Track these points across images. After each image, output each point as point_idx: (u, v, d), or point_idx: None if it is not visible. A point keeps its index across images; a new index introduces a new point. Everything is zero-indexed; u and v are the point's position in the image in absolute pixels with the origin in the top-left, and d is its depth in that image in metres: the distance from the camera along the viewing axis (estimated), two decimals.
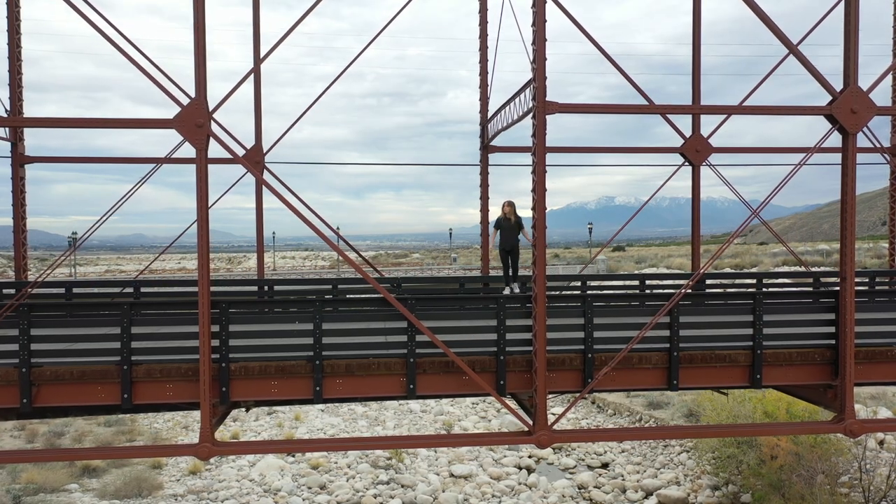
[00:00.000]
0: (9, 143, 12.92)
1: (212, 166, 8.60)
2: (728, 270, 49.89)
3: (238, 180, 13.57)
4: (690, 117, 14.04)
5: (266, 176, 13.71)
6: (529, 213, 8.61)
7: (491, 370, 8.88)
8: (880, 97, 10.20)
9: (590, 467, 22.61)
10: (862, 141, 8.88)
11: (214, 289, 9.67)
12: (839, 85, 8.64)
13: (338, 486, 20.96)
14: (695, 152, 13.80)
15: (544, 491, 20.67)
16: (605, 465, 22.82)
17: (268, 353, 8.70)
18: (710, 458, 20.14)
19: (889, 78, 14.41)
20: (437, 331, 8.56)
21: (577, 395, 8.89)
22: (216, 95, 8.21)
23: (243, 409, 10.90)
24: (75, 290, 12.40)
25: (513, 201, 11.99)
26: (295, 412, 27.81)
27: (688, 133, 13.79)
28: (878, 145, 9.61)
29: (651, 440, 24.00)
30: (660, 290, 13.94)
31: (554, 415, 8.74)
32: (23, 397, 8.27)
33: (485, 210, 14.40)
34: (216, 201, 12.52)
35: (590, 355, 8.97)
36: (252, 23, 13.91)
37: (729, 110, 11.30)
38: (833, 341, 9.29)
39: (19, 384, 8.26)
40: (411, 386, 8.75)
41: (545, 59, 8.24)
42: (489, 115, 13.90)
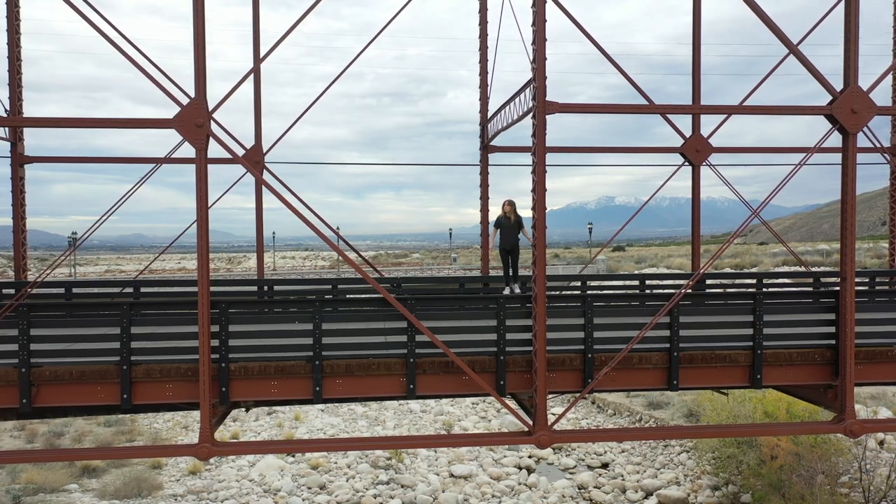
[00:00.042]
0: (8, 143, 12.93)
1: (212, 166, 8.61)
2: (728, 270, 49.88)
3: (238, 180, 13.59)
4: (690, 117, 14.04)
5: (266, 176, 13.71)
6: (529, 213, 8.62)
7: (491, 370, 8.88)
8: (880, 97, 10.20)
9: (590, 467, 22.60)
10: (862, 141, 8.88)
11: (214, 289, 9.67)
12: (839, 85, 8.64)
13: (337, 487, 20.95)
14: (695, 152, 13.80)
15: (544, 491, 20.66)
16: (605, 465, 22.81)
17: (267, 353, 8.70)
18: (710, 459, 20.13)
19: (889, 78, 14.41)
20: (436, 331, 8.56)
21: (577, 395, 8.89)
22: (216, 95, 8.23)
23: (243, 409, 10.89)
24: (75, 290, 12.41)
25: (513, 200, 11.99)
26: (295, 412, 27.80)
27: (688, 133, 13.79)
28: (878, 145, 9.60)
29: (651, 440, 23.99)
30: (660, 290, 13.95)
31: (554, 415, 8.73)
32: (22, 397, 8.28)
33: (485, 210, 14.40)
34: (216, 201, 12.52)
35: (590, 355, 8.97)
36: (252, 23, 13.92)
37: (729, 110, 11.30)
38: (833, 341, 9.29)
39: (19, 384, 8.26)
40: (411, 386, 8.75)
41: (545, 59, 8.24)
42: (489, 115, 13.89)
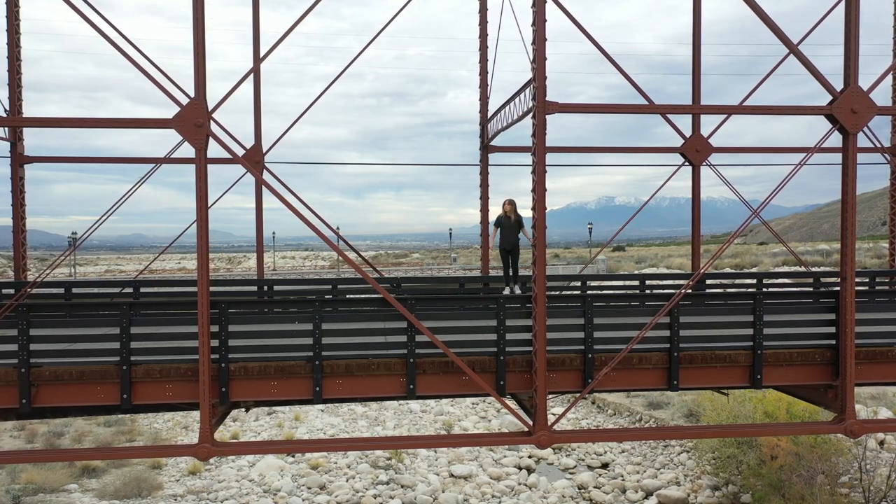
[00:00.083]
0: (8, 143, 12.92)
1: (211, 166, 8.61)
2: (728, 270, 49.88)
3: (238, 180, 13.59)
4: (690, 117, 14.03)
5: (266, 176, 13.71)
6: (529, 213, 8.61)
7: (491, 370, 8.87)
8: (880, 97, 10.19)
9: (590, 467, 22.60)
10: (862, 141, 8.88)
11: (214, 289, 9.67)
12: (839, 85, 8.63)
13: (337, 487, 20.95)
14: (695, 152, 13.79)
15: (544, 491, 20.66)
16: (605, 466, 22.81)
17: (267, 353, 8.69)
18: (710, 459, 20.12)
19: (889, 78, 14.40)
20: (436, 331, 8.56)
21: (578, 395, 8.88)
22: (216, 95, 8.23)
23: (243, 410, 10.89)
24: (75, 290, 12.40)
25: (513, 200, 11.98)
26: (295, 412, 27.79)
27: (688, 133, 13.78)
28: (878, 145, 9.60)
29: (651, 440, 23.99)
30: (660, 291, 13.93)
31: (554, 415, 8.73)
32: (22, 397, 8.27)
33: (485, 210, 14.39)
34: (216, 201, 12.52)
35: (590, 355, 8.96)
36: (252, 23, 13.92)
37: (729, 110, 11.29)
38: (833, 341, 9.29)
39: (18, 384, 8.26)
40: (411, 386, 8.74)
41: (545, 59, 8.24)
42: (489, 115, 13.89)
